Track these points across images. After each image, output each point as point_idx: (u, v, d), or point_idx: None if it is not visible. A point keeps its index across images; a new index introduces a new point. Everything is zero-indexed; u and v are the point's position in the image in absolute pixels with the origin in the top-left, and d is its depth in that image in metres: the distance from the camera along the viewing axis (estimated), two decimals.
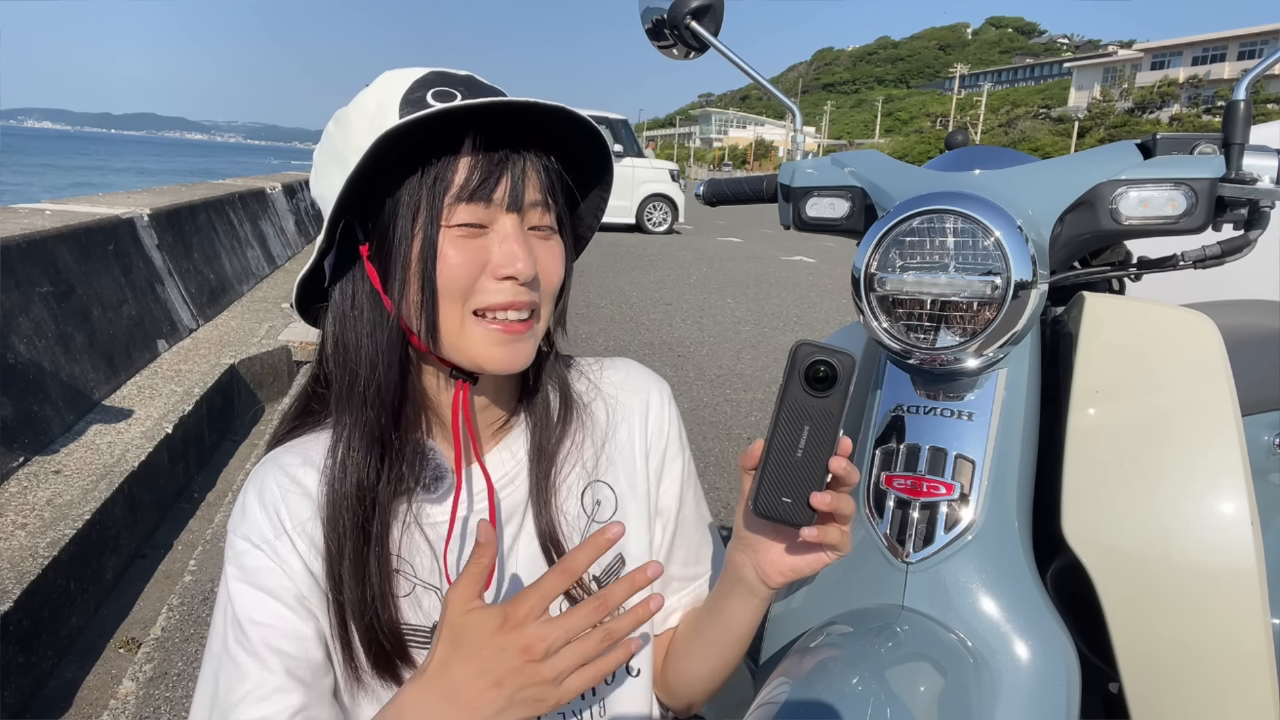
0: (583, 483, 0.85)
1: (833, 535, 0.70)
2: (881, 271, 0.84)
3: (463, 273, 0.70)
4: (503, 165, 0.70)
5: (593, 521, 0.85)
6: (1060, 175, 0.88)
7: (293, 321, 4.93)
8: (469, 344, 0.72)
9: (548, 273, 0.75)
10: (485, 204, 0.70)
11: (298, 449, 0.79)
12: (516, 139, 0.72)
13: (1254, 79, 0.86)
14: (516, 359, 0.74)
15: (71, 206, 4.23)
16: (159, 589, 2.44)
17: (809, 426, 0.68)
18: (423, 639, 0.78)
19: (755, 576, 0.77)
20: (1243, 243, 0.89)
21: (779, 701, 0.69)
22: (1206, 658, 0.79)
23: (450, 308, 0.71)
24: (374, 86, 0.75)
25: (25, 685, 1.89)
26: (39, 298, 3.06)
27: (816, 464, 0.68)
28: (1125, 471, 0.83)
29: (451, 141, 0.70)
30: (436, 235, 0.70)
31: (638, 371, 0.93)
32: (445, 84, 0.72)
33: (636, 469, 0.88)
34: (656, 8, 1.14)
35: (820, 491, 0.68)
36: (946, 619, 0.78)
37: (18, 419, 2.66)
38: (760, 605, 0.80)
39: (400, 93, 0.72)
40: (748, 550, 0.77)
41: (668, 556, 0.91)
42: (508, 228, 0.71)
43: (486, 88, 0.74)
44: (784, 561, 0.75)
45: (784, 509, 0.69)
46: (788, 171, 1.03)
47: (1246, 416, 0.93)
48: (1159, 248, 1.00)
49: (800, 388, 0.68)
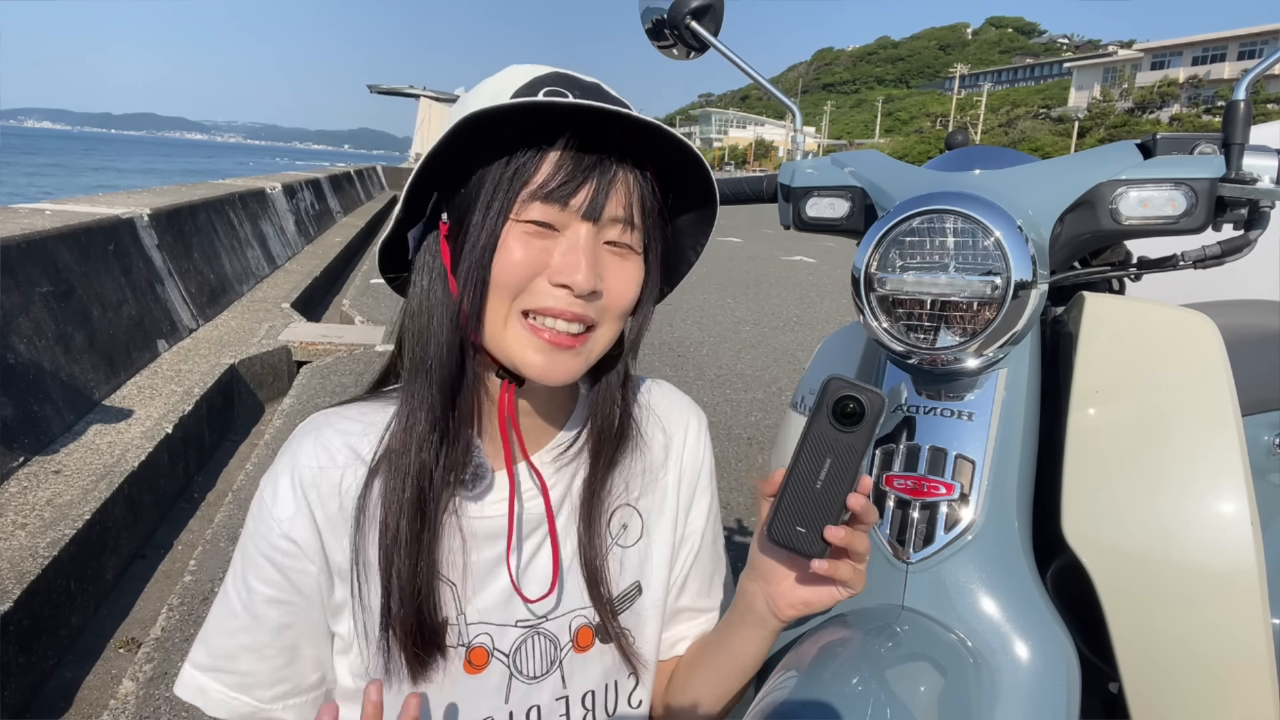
0: (613, 505, 0.84)
1: (844, 571, 0.70)
2: (881, 271, 0.84)
3: (521, 269, 0.69)
4: (589, 171, 0.69)
5: (616, 544, 0.84)
6: (1060, 175, 0.88)
7: (293, 321, 4.93)
8: (509, 343, 0.71)
9: (615, 290, 0.73)
10: (561, 206, 0.69)
11: (362, 414, 0.78)
12: (615, 150, 0.70)
13: (1254, 79, 0.85)
14: (555, 372, 0.72)
15: (71, 206, 4.23)
16: (159, 589, 2.44)
17: (831, 460, 0.68)
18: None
19: (766, 607, 0.77)
20: (1243, 243, 0.89)
21: (779, 701, 0.69)
22: (1207, 658, 0.78)
23: (499, 302, 0.70)
24: (497, 76, 0.74)
25: (25, 685, 1.89)
26: (39, 298, 3.06)
27: (835, 497, 0.68)
28: (1125, 471, 0.82)
29: (548, 139, 0.69)
30: (501, 226, 0.69)
31: (676, 397, 0.92)
32: (563, 84, 0.71)
33: (668, 497, 0.87)
34: (656, 8, 1.14)
35: (835, 525, 0.68)
36: (946, 619, 0.78)
37: (18, 419, 2.66)
38: (769, 637, 0.80)
39: (517, 85, 0.71)
40: (760, 580, 0.77)
41: (682, 587, 0.90)
42: (579, 235, 0.70)
43: (607, 96, 0.73)
44: (795, 594, 0.75)
45: (797, 538, 0.69)
46: (788, 171, 1.03)
47: (1246, 416, 0.93)
48: (1159, 248, 1.00)
49: (827, 421, 0.68)
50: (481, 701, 0.78)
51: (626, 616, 0.84)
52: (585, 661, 0.82)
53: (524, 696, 0.80)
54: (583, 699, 0.83)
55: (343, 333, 4.77)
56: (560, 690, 0.81)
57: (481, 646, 0.78)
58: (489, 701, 0.79)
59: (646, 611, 0.86)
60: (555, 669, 0.81)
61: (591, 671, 0.83)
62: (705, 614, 0.92)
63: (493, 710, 0.79)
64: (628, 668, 0.85)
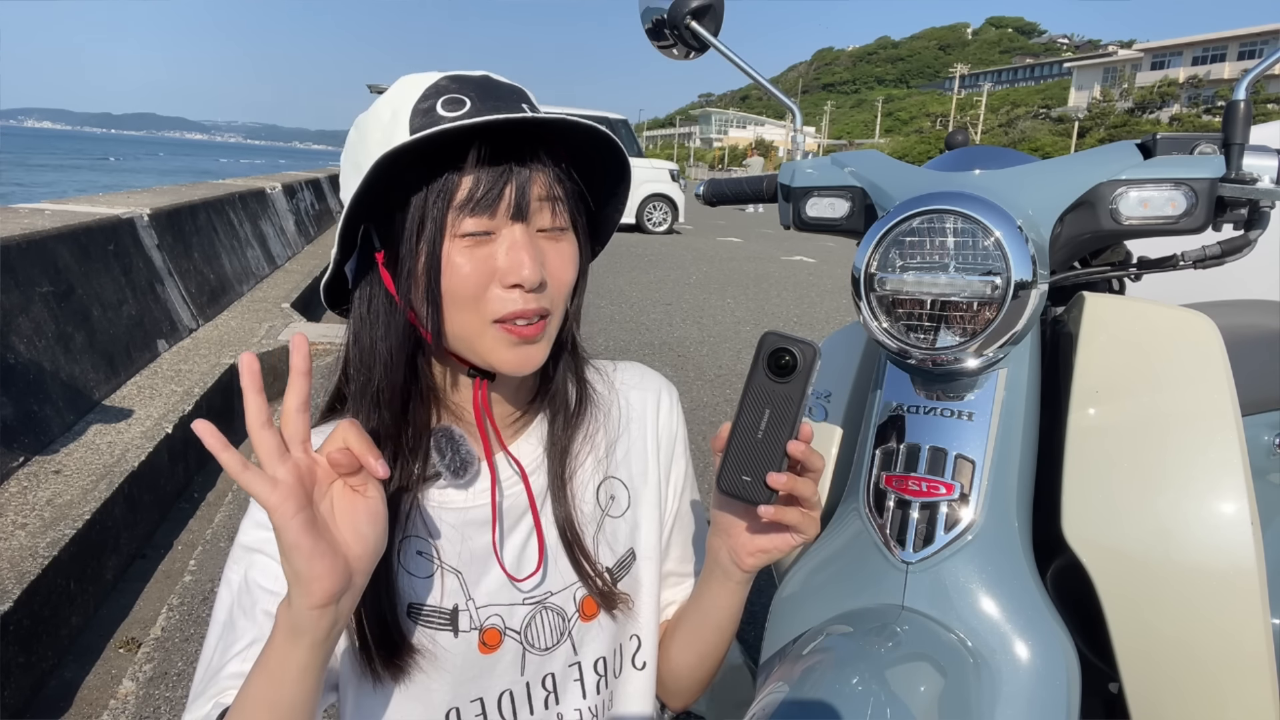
0: (598, 478, 0.88)
1: (791, 515, 0.73)
2: (881, 271, 0.84)
3: (472, 280, 0.72)
4: (506, 176, 0.72)
5: (606, 516, 0.88)
6: (1060, 175, 0.88)
7: (293, 321, 4.93)
8: (485, 348, 0.75)
9: (557, 274, 0.76)
10: (490, 215, 0.72)
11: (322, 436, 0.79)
12: (523, 146, 0.73)
13: (1254, 79, 0.85)
14: (528, 361, 0.76)
15: (71, 206, 4.22)
16: (159, 589, 2.44)
17: (770, 410, 0.71)
18: (442, 621, 0.79)
19: (729, 559, 0.81)
20: (1243, 243, 0.89)
21: (779, 701, 0.69)
22: (1207, 658, 0.78)
23: (466, 316, 0.73)
24: (390, 93, 0.76)
25: (25, 685, 1.89)
26: (39, 298, 3.06)
27: (775, 446, 0.71)
28: (1125, 471, 0.82)
29: (458, 151, 0.71)
30: (441, 248, 0.72)
31: (648, 373, 0.97)
32: (457, 90, 0.73)
33: (649, 466, 0.92)
34: (656, 8, 1.14)
35: (778, 472, 0.71)
36: (946, 619, 0.78)
37: (18, 419, 2.66)
38: (736, 590, 0.83)
39: (413, 101, 0.73)
40: (721, 534, 0.81)
41: (665, 552, 0.94)
42: (515, 236, 0.73)
43: (502, 88, 0.76)
44: (753, 542, 0.78)
45: (744, 486, 0.72)
46: (788, 171, 1.03)
47: (1246, 416, 0.93)
48: (1159, 248, 1.00)
49: (763, 373, 0.72)
50: (498, 677, 0.82)
51: (626, 583, 0.88)
52: (593, 629, 0.86)
53: (538, 667, 0.84)
54: (595, 664, 0.87)
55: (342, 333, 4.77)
56: (572, 657, 0.85)
57: (494, 627, 0.81)
58: (505, 676, 0.82)
59: (643, 576, 0.90)
60: (565, 639, 0.85)
61: (601, 638, 0.87)
62: (690, 578, 0.97)
63: (510, 684, 0.83)
64: (628, 631, 0.89)
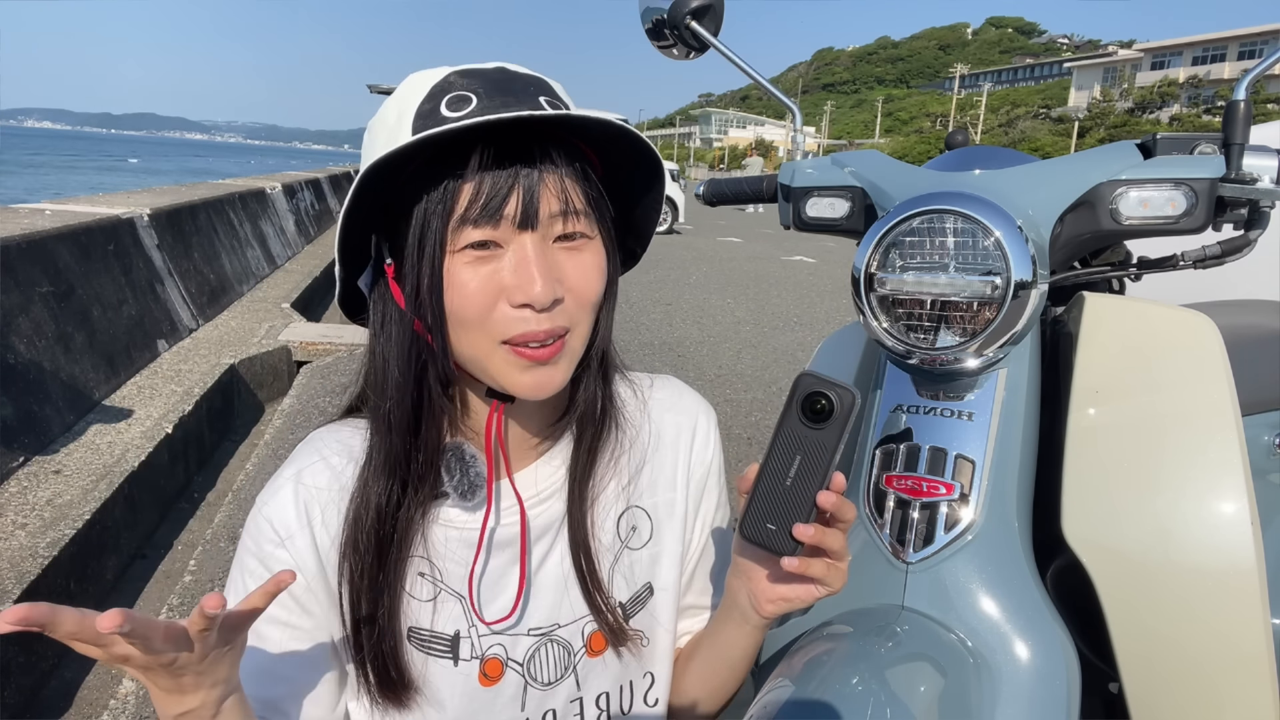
0: (620, 506, 0.82)
1: (816, 569, 0.68)
2: (881, 271, 0.84)
3: (478, 299, 0.66)
4: (512, 180, 0.64)
5: (626, 548, 0.82)
6: (1060, 175, 0.88)
7: (293, 321, 4.93)
8: (496, 371, 0.69)
9: (578, 287, 0.69)
10: (494, 224, 0.65)
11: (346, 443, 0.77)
12: (533, 146, 0.66)
13: (1254, 79, 0.85)
14: (545, 385, 0.70)
15: (71, 206, 4.22)
16: (159, 589, 2.44)
17: (800, 457, 0.67)
18: (442, 648, 0.76)
19: (748, 603, 0.75)
20: (1243, 243, 0.89)
21: (779, 701, 0.69)
22: (1206, 658, 0.78)
23: (474, 336, 0.67)
24: (397, 92, 0.71)
25: (25, 685, 1.89)
26: (39, 298, 3.05)
27: (804, 495, 0.67)
28: (1125, 471, 0.82)
29: (463, 155, 0.64)
30: (441, 260, 0.66)
31: (685, 394, 0.90)
32: (464, 86, 0.67)
33: (677, 498, 0.85)
34: (656, 8, 1.14)
35: (805, 523, 0.66)
36: (946, 619, 0.78)
37: (18, 419, 2.66)
38: (753, 634, 0.79)
39: (418, 101, 0.67)
40: (742, 576, 0.76)
41: (689, 584, 0.89)
42: (524, 248, 0.66)
43: (517, 81, 0.69)
44: (774, 590, 0.73)
45: (768, 536, 0.68)
46: (788, 171, 1.03)
47: (1246, 416, 0.93)
48: (1159, 248, 1.00)
49: (796, 417, 0.67)
50: (498, 713, 0.78)
51: (640, 618, 0.83)
52: (599, 665, 0.81)
53: (539, 703, 0.79)
54: (597, 700, 0.82)
55: (342, 332, 4.77)
56: (574, 693, 0.81)
57: (495, 657, 0.77)
58: (505, 712, 0.78)
59: (659, 612, 0.84)
60: (569, 674, 0.80)
61: (606, 674, 0.82)
62: (707, 612, 0.92)
63: (510, 719, 0.78)
64: (641, 668, 0.84)
